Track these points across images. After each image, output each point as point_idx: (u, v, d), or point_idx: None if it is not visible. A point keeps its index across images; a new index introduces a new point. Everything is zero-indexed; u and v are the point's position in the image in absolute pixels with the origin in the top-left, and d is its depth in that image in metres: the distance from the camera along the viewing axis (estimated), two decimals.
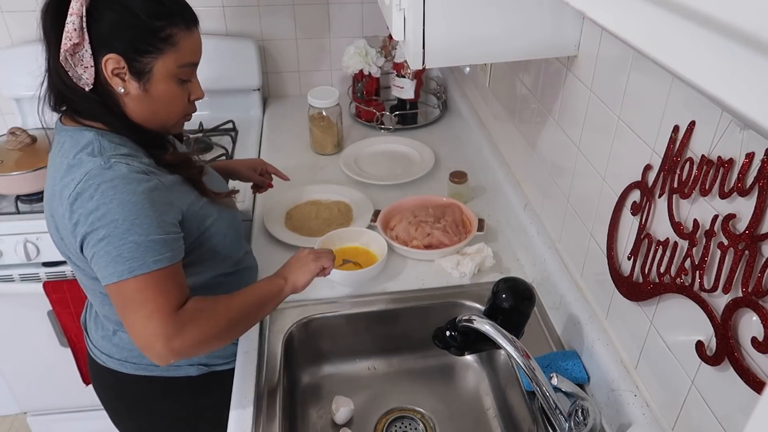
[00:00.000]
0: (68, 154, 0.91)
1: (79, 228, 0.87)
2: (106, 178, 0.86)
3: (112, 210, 0.85)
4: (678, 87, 0.75)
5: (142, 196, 0.87)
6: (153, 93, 0.93)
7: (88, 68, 0.89)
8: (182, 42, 0.93)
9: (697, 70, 0.31)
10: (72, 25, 0.85)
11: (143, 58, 0.90)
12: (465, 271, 1.25)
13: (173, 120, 1.00)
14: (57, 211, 0.91)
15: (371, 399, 1.18)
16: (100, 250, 0.86)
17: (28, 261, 1.58)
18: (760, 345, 0.62)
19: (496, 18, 0.94)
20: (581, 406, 0.89)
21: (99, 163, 0.88)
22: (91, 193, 0.86)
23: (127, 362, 1.09)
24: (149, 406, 1.16)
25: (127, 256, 0.86)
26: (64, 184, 0.89)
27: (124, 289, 0.87)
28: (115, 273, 0.86)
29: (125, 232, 0.85)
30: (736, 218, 0.66)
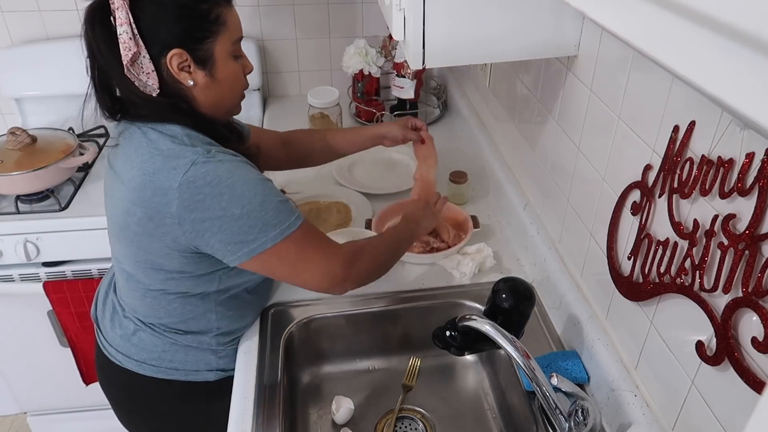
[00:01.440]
0: (158, 144, 0.91)
1: (198, 215, 0.88)
2: (217, 165, 0.88)
3: (239, 190, 0.88)
4: (678, 87, 0.75)
5: (255, 172, 0.93)
6: (219, 77, 0.95)
7: (150, 74, 0.90)
8: (229, 18, 0.94)
9: (697, 70, 0.31)
10: (126, 35, 0.85)
11: (203, 45, 0.91)
12: (465, 271, 1.25)
13: (237, 100, 1.03)
14: (153, 201, 0.90)
15: (371, 399, 1.18)
16: (241, 227, 0.89)
17: (28, 261, 1.58)
18: (760, 345, 0.62)
19: (496, 18, 0.94)
20: (581, 406, 0.89)
21: (200, 152, 0.89)
22: (207, 180, 0.87)
23: (146, 364, 1.09)
24: (164, 408, 1.16)
25: (274, 221, 0.91)
26: (164, 174, 0.88)
27: (287, 249, 0.94)
28: (269, 239, 0.91)
29: (262, 203, 0.90)
30: (736, 218, 0.66)
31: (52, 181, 1.57)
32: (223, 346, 1.11)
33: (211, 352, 1.10)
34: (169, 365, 1.09)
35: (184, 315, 1.05)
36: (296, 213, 0.95)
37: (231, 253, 0.92)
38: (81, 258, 1.61)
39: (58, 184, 1.60)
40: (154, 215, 0.91)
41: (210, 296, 1.05)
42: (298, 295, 1.23)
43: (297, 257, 0.96)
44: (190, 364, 1.09)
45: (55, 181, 1.58)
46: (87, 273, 1.63)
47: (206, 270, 0.99)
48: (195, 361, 1.10)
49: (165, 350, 1.08)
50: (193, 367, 1.10)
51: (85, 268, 1.63)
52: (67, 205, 1.58)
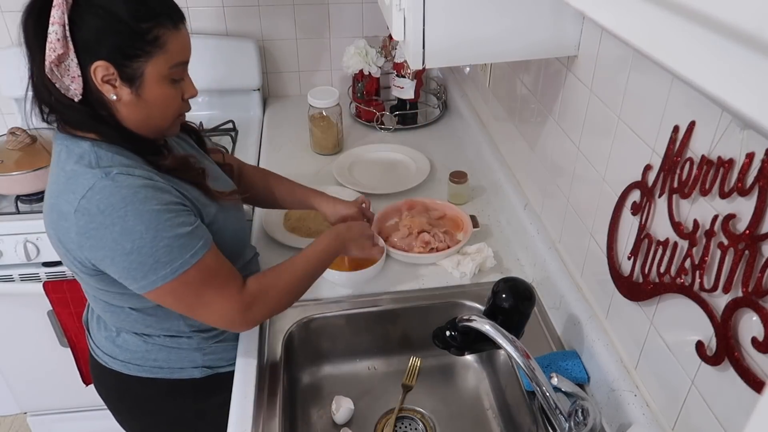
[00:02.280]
0: (64, 165, 0.89)
1: (94, 244, 0.86)
2: (113, 192, 0.85)
3: (131, 223, 0.85)
4: (678, 87, 0.75)
5: (154, 201, 0.87)
6: (146, 97, 0.90)
7: (75, 78, 0.86)
8: (171, 42, 0.89)
9: (697, 70, 0.31)
10: (55, 35, 0.82)
11: (133, 62, 0.87)
12: (465, 271, 1.25)
13: (168, 122, 0.97)
14: (59, 224, 0.89)
15: (371, 399, 1.18)
16: (131, 263, 0.86)
17: (28, 261, 1.58)
18: (760, 345, 0.62)
19: (496, 18, 0.94)
20: (581, 406, 0.89)
21: (100, 175, 0.86)
22: (100, 209, 0.84)
23: (130, 364, 1.09)
24: (152, 407, 1.16)
25: (164, 260, 0.87)
26: (65, 198, 0.87)
27: (174, 290, 0.90)
28: (157, 279, 0.88)
29: (153, 239, 0.86)
30: (736, 218, 0.66)
31: None
32: (206, 342, 1.10)
33: (195, 350, 1.10)
34: (153, 364, 1.09)
35: (151, 324, 1.04)
36: (193, 250, 0.89)
37: (128, 284, 0.90)
38: None
39: None
40: (62, 238, 0.90)
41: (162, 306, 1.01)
42: None
43: (193, 296, 0.92)
44: (174, 362, 1.09)
45: None
46: None
47: None
48: (179, 359, 1.09)
49: (148, 350, 1.08)
50: (177, 365, 1.10)
51: None
52: None
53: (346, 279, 1.24)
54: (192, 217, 0.93)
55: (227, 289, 0.95)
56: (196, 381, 1.11)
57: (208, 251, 0.92)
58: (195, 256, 0.90)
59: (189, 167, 0.99)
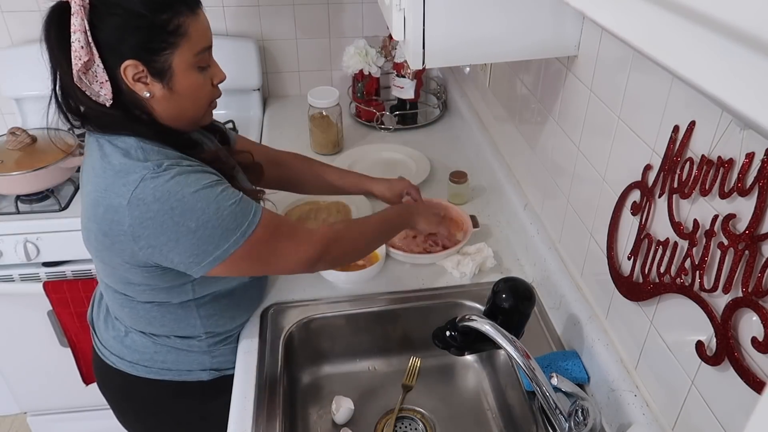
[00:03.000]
0: (110, 159, 0.89)
1: (151, 232, 0.86)
2: (166, 179, 0.86)
3: (190, 203, 0.86)
4: (678, 87, 0.75)
5: (204, 180, 0.89)
6: (178, 89, 0.91)
7: (104, 83, 0.86)
8: (192, 29, 0.89)
9: (697, 70, 0.31)
10: (78, 43, 0.82)
11: (159, 56, 0.87)
12: (465, 271, 1.25)
13: (202, 111, 0.98)
14: (106, 218, 0.88)
15: (371, 399, 1.18)
16: (200, 239, 0.88)
17: (28, 261, 1.58)
18: (760, 345, 0.62)
19: (496, 18, 0.94)
20: (581, 406, 0.89)
21: (151, 167, 0.86)
22: (156, 197, 0.85)
23: (138, 365, 1.09)
24: (158, 408, 1.16)
25: (232, 226, 0.89)
26: (115, 191, 0.87)
27: (253, 248, 0.92)
28: (231, 244, 0.90)
29: (216, 211, 0.88)
30: (736, 218, 0.66)
31: (52, 181, 1.57)
32: (215, 346, 1.11)
33: (204, 353, 1.10)
34: (162, 366, 1.09)
35: (167, 323, 1.04)
36: (253, 210, 0.92)
37: (194, 264, 0.90)
38: (81, 258, 1.61)
39: (58, 184, 1.60)
40: (108, 232, 0.89)
41: (188, 304, 1.03)
42: (298, 295, 1.23)
43: (266, 252, 0.95)
44: (182, 365, 1.09)
45: (55, 181, 1.58)
46: (87, 273, 1.63)
47: (173, 282, 0.98)
48: (188, 362, 1.09)
49: (157, 351, 1.08)
50: (186, 367, 1.10)
51: (85, 268, 1.63)
52: (67, 205, 1.58)
53: (346, 279, 1.24)
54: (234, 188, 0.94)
55: (297, 235, 0.99)
56: (203, 383, 1.11)
57: (264, 210, 0.95)
58: (256, 216, 0.92)
59: (221, 161, 1.00)
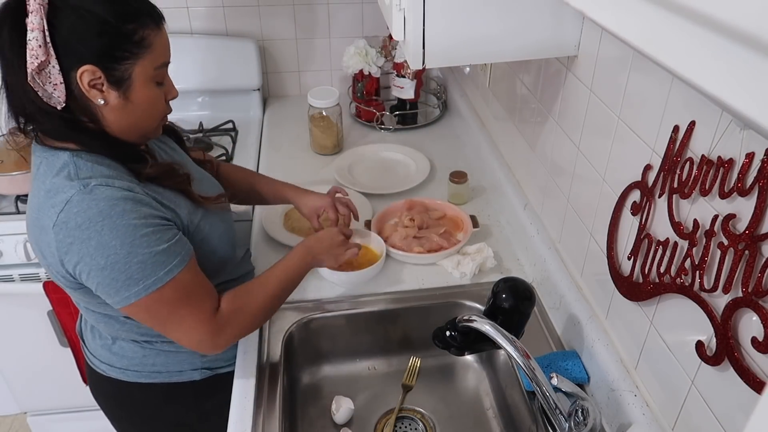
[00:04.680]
0: (44, 178, 0.87)
1: (71, 258, 0.85)
2: (90, 205, 0.83)
3: (106, 238, 0.83)
4: (678, 87, 0.75)
5: (132, 215, 0.85)
6: (134, 99, 0.88)
7: (57, 85, 0.82)
8: (155, 42, 0.88)
9: (696, 70, 0.31)
10: (36, 42, 0.78)
11: (121, 65, 0.85)
12: (465, 271, 1.25)
13: (154, 125, 0.95)
14: (40, 239, 0.87)
15: (371, 399, 1.18)
16: (105, 278, 0.85)
17: (28, 261, 1.58)
18: (760, 345, 0.62)
19: (496, 18, 0.94)
20: (581, 406, 0.89)
21: (78, 188, 0.83)
22: (77, 222, 0.82)
23: (128, 370, 1.08)
24: (152, 412, 1.15)
25: (137, 277, 0.85)
26: (44, 212, 0.85)
27: (148, 307, 0.89)
28: (130, 296, 0.86)
29: (127, 255, 0.84)
30: (736, 218, 0.66)
31: None
32: None
33: (193, 352, 1.07)
34: (152, 369, 1.08)
35: (146, 330, 1.02)
36: (168, 267, 0.87)
37: (105, 299, 0.88)
38: None
39: None
40: (44, 252, 0.88)
41: None
42: (297, 295, 1.23)
43: (166, 314, 0.91)
44: (172, 366, 1.08)
45: None
46: None
47: None
48: (177, 363, 1.08)
49: (145, 355, 1.07)
50: (176, 368, 1.09)
51: None
52: None
53: (346, 279, 1.24)
54: (171, 231, 0.90)
55: (201, 309, 0.93)
56: (195, 383, 1.11)
57: (185, 268, 0.90)
58: (169, 274, 0.87)
59: (173, 174, 0.96)
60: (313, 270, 1.24)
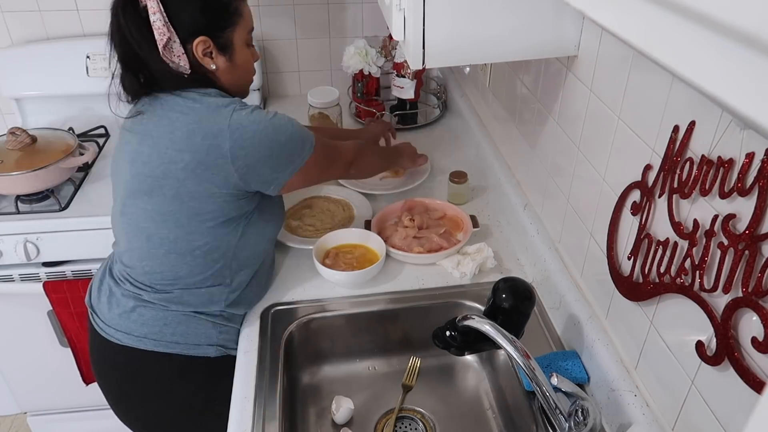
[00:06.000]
0: (197, 99, 1.02)
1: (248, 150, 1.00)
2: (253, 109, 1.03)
3: (278, 122, 1.04)
4: (678, 87, 0.75)
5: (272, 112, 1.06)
6: (237, 62, 1.08)
7: (181, 56, 1.02)
8: (245, 11, 1.08)
9: (696, 70, 0.31)
10: (160, 22, 0.96)
11: (224, 33, 1.04)
12: (466, 271, 1.25)
13: (250, 82, 1.16)
14: (202, 145, 0.99)
15: (371, 399, 1.18)
16: (291, 148, 1.05)
17: (28, 261, 1.58)
18: (760, 345, 0.62)
19: (496, 18, 0.94)
20: (581, 406, 0.89)
21: (237, 104, 1.03)
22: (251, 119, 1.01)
23: (146, 338, 1.10)
24: (164, 388, 1.16)
25: (305, 136, 1.08)
26: (213, 119, 1.00)
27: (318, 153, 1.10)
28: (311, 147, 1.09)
29: (293, 126, 1.06)
30: (736, 218, 0.66)
31: (52, 181, 1.57)
32: (225, 320, 1.14)
33: (213, 326, 1.12)
34: (170, 338, 1.11)
35: (206, 270, 1.09)
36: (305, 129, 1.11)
37: (281, 172, 1.06)
38: (81, 258, 1.61)
39: (58, 184, 1.60)
40: (205, 159, 1.00)
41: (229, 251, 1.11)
42: (298, 295, 1.23)
43: (329, 152, 1.16)
44: (191, 338, 1.11)
45: (55, 181, 1.58)
46: (87, 273, 1.63)
47: (239, 212, 1.08)
48: (196, 335, 1.12)
49: (166, 323, 1.10)
50: (194, 340, 1.12)
51: (85, 268, 1.63)
52: (67, 205, 1.58)
53: (346, 279, 1.24)
54: None
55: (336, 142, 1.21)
56: (210, 360, 1.13)
57: None
58: (310, 133, 1.11)
59: None
60: (313, 270, 1.24)
